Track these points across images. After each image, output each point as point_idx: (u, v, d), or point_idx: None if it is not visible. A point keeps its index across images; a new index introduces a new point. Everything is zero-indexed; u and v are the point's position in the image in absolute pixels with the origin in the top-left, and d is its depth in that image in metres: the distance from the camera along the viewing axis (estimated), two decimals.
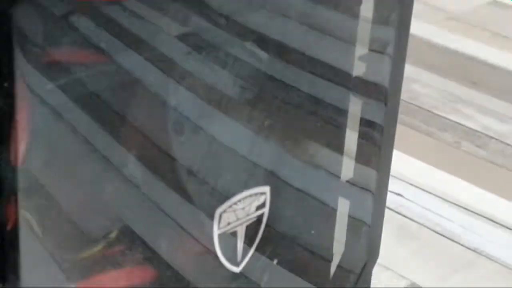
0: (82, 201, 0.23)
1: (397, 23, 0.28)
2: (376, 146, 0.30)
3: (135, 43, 0.22)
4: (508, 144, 0.60)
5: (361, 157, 0.30)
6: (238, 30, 0.23)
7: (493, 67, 0.70)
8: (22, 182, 0.20)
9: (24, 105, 0.19)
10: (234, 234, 0.27)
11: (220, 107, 0.25)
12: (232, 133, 0.26)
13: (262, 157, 0.27)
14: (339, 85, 0.28)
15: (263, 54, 0.25)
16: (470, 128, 0.62)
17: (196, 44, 0.23)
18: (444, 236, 0.50)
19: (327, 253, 0.30)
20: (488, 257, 0.47)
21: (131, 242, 0.24)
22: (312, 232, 0.30)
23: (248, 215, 0.27)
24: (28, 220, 0.21)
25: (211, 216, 0.26)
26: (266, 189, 0.27)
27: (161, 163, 0.25)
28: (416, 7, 0.30)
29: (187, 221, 0.26)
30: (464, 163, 0.58)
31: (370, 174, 0.30)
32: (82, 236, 0.23)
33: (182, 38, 0.23)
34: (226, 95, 0.25)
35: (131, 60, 0.22)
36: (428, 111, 0.63)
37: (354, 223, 0.31)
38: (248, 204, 0.27)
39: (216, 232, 0.26)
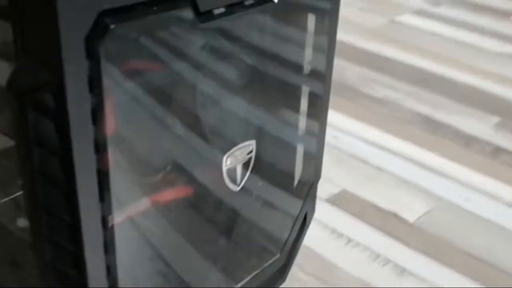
0: (149, 148, 0.38)
1: (329, 34, 0.44)
2: (318, 108, 0.47)
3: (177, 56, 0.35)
4: (405, 106, 0.80)
5: (310, 115, 0.46)
6: None
7: (394, 61, 0.91)
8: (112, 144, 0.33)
9: (110, 97, 0.31)
10: (235, 169, 0.44)
11: (225, 87, 0.40)
12: (236, 105, 0.42)
13: (251, 120, 0.43)
14: (298, 73, 0.45)
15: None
16: (381, 99, 0.82)
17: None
18: (374, 166, 0.69)
19: (292, 175, 0.47)
20: (389, 172, 0.67)
21: (178, 172, 0.40)
22: (281, 163, 0.47)
23: (243, 157, 0.44)
24: (117, 161, 0.34)
25: (221, 159, 0.42)
26: (253, 142, 0.44)
27: (194, 126, 0.39)
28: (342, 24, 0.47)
29: (209, 161, 0.42)
30: (377, 118, 0.78)
31: (315, 125, 0.47)
32: (152, 168, 0.38)
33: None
34: (231, 80, 0.40)
35: (177, 66, 0.35)
36: (352, 87, 0.82)
37: (307, 155, 0.48)
38: (242, 151, 0.44)
39: (224, 168, 0.43)
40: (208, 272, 0.42)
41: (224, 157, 0.41)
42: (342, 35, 0.57)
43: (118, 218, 0.33)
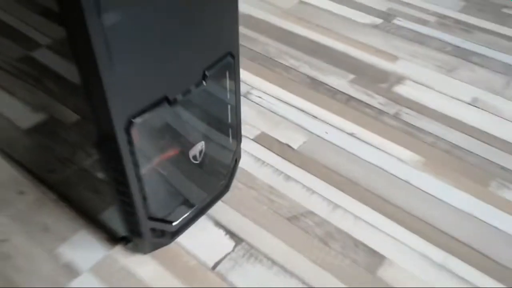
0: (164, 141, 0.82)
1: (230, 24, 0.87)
2: (235, 75, 0.91)
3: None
4: (301, 72, 1.25)
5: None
6: None
7: (299, 36, 1.34)
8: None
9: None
10: (195, 154, 0.87)
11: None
12: (193, 120, 0.86)
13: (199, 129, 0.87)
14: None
15: None
16: (288, 67, 1.26)
17: None
18: (279, 115, 1.15)
19: (228, 125, 0.92)
20: (288, 119, 1.13)
21: (172, 145, 0.85)
22: (223, 120, 0.91)
23: (199, 150, 0.88)
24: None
25: (189, 149, 0.85)
26: (202, 142, 0.87)
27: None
28: (262, 5, 0.91)
29: (186, 148, 0.85)
30: (284, 81, 1.23)
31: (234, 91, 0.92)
32: (162, 145, 0.82)
33: None
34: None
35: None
36: (272, 59, 1.26)
37: (235, 112, 0.93)
38: (198, 146, 0.87)
39: (190, 153, 0.87)
40: (193, 172, 0.88)
41: (191, 150, 0.83)
42: (264, 15, 1.02)
43: (144, 170, 0.78)
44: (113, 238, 0.84)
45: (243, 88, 1.11)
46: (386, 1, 1.50)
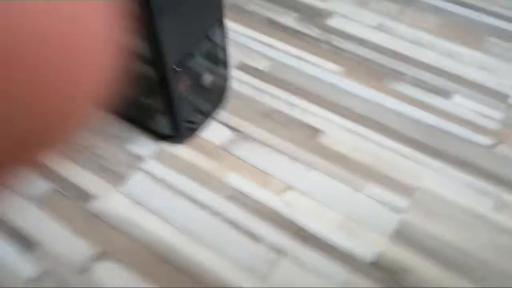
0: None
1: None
2: (223, 31, 1.44)
3: None
4: (260, 14, 1.77)
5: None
6: None
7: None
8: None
9: None
10: (205, 81, 1.43)
11: None
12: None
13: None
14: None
15: None
16: (251, 11, 1.78)
17: None
18: (249, 47, 1.69)
19: (223, 60, 1.46)
20: (255, 51, 1.67)
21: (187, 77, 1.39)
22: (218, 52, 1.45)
23: (207, 78, 1.42)
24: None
25: (201, 78, 1.41)
26: (208, 73, 1.42)
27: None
28: None
29: (199, 77, 1.40)
30: (249, 22, 1.75)
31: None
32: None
33: None
34: None
35: None
36: (242, 7, 1.77)
37: (222, 52, 1.47)
38: (207, 76, 1.43)
39: (203, 81, 1.42)
40: (204, 92, 1.44)
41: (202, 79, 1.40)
42: None
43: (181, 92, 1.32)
44: (160, 137, 1.40)
45: None
46: None
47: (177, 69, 1.16)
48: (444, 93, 1.49)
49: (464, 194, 1.25)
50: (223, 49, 1.34)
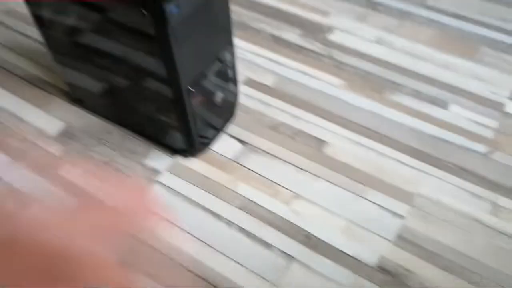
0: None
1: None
2: (232, 52, 1.53)
3: None
4: (265, 31, 1.86)
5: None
6: None
7: (269, 6, 1.93)
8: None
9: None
10: (217, 99, 1.52)
11: None
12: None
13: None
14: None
15: None
16: (258, 29, 1.87)
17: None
18: (255, 64, 1.77)
19: (233, 75, 1.55)
20: (261, 67, 1.76)
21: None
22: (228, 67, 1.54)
23: (219, 96, 1.51)
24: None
25: (214, 96, 1.49)
26: (220, 92, 1.51)
27: None
28: None
29: (212, 96, 1.49)
30: (255, 39, 1.84)
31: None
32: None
33: None
34: None
35: None
36: (247, 24, 1.86)
37: (232, 70, 1.55)
38: (218, 94, 1.52)
39: (215, 99, 1.51)
40: (216, 109, 1.53)
41: (215, 97, 1.49)
42: None
43: (195, 110, 1.41)
44: (175, 151, 1.49)
45: None
46: None
47: (191, 89, 1.25)
48: (441, 103, 1.57)
49: (462, 200, 1.33)
50: (233, 67, 1.43)
